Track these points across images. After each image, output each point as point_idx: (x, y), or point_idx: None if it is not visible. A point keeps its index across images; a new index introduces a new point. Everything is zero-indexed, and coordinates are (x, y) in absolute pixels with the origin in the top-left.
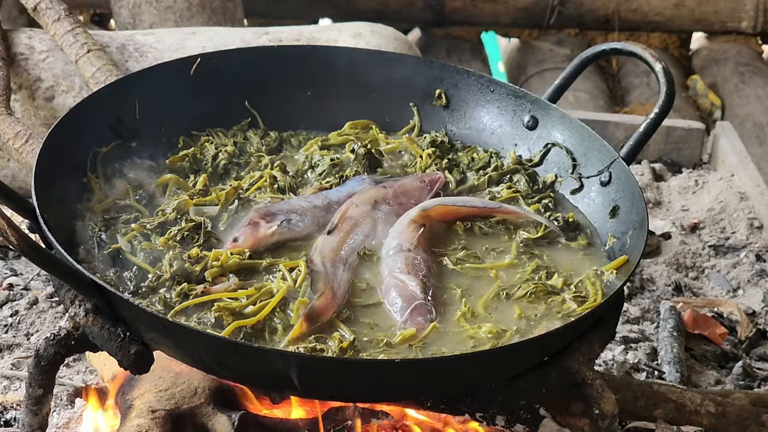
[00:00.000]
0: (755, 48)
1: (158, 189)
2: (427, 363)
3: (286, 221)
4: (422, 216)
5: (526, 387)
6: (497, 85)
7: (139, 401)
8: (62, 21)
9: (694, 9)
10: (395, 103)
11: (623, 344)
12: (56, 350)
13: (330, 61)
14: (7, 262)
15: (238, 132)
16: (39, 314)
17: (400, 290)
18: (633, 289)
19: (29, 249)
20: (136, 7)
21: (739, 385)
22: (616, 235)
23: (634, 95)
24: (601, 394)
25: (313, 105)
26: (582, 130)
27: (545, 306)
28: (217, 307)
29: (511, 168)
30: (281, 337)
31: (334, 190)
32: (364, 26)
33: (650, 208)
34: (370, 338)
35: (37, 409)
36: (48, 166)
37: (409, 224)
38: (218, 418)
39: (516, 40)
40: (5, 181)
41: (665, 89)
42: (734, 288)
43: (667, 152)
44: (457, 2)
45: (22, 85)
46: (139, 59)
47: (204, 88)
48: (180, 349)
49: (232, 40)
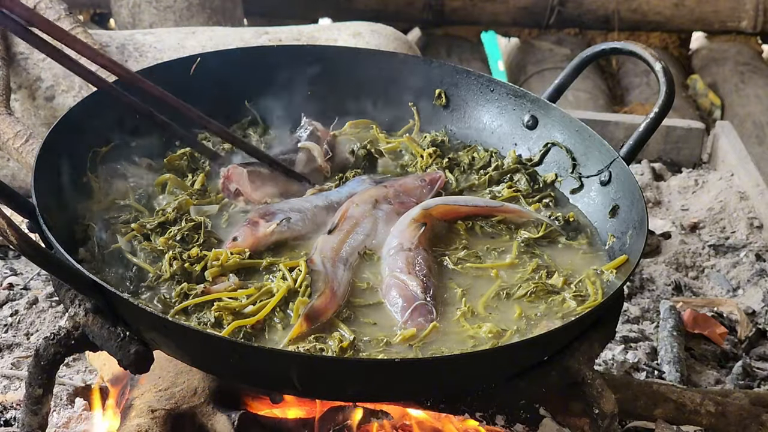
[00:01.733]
0: (755, 47)
1: (157, 188)
2: (427, 363)
3: (286, 220)
4: (424, 215)
5: (526, 386)
6: (497, 85)
7: (138, 401)
8: (62, 20)
9: (693, 8)
10: (395, 102)
11: (623, 344)
12: (56, 350)
13: (329, 60)
14: (7, 261)
15: (238, 130)
16: (39, 314)
17: (400, 290)
18: (633, 289)
19: (29, 249)
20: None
21: (738, 384)
22: (616, 234)
23: (633, 95)
24: (600, 394)
25: (313, 104)
26: (582, 130)
27: (546, 306)
28: (217, 307)
29: (512, 167)
30: (281, 337)
31: (334, 190)
32: (364, 26)
33: (650, 207)
34: (370, 338)
35: (37, 409)
36: (48, 166)
37: (410, 223)
38: (218, 417)
39: (516, 39)
40: (5, 181)
41: (665, 89)
42: (734, 287)
43: (667, 152)
44: (456, 2)
45: (22, 85)
46: (139, 59)
47: (204, 88)
48: (180, 349)
49: (232, 39)
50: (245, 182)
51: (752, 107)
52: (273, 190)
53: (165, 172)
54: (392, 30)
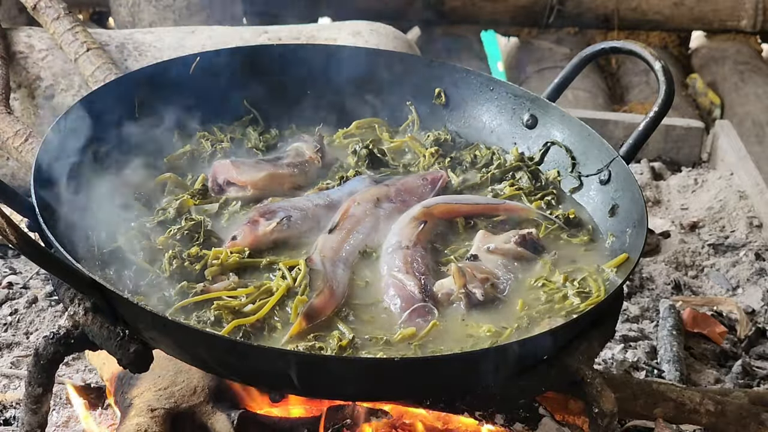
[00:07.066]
0: (754, 46)
1: (157, 187)
2: (426, 361)
3: (287, 219)
4: (425, 213)
5: (525, 385)
6: (496, 84)
7: (138, 400)
8: (62, 19)
9: (693, 7)
10: (394, 101)
11: (623, 343)
12: (56, 349)
13: (329, 59)
14: (7, 260)
15: (238, 128)
16: (38, 313)
17: (398, 290)
18: (632, 288)
19: (28, 248)
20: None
21: (738, 383)
22: (616, 233)
23: (633, 94)
24: (600, 393)
25: (312, 103)
26: (581, 129)
27: (547, 304)
28: (216, 306)
29: (514, 165)
30: (281, 336)
31: (335, 189)
32: (364, 25)
33: (649, 206)
34: (370, 336)
35: (37, 408)
36: (47, 165)
37: (410, 221)
38: (217, 416)
39: (515, 38)
40: (5, 180)
41: (664, 88)
42: (734, 287)
43: (667, 151)
44: (456, 1)
45: (22, 84)
46: (139, 58)
47: (203, 87)
48: (179, 348)
49: (232, 38)
50: (231, 169)
51: (752, 106)
52: (260, 174)
53: (165, 171)
54: (392, 29)
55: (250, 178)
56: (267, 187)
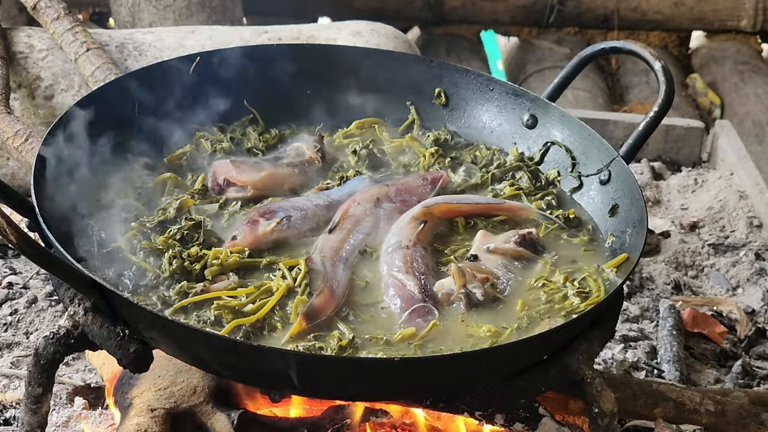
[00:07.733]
0: (754, 46)
1: (157, 187)
2: (426, 361)
3: (287, 218)
4: (425, 213)
5: (525, 385)
6: (496, 84)
7: (138, 400)
8: (61, 19)
9: (693, 7)
10: (394, 101)
11: (623, 343)
12: (55, 349)
13: (329, 59)
14: (7, 260)
15: (238, 128)
16: (38, 313)
17: (398, 290)
18: (632, 288)
19: (28, 247)
20: (136, 6)
21: (738, 383)
22: (616, 233)
23: (633, 94)
24: (600, 393)
25: (312, 103)
26: (581, 129)
27: (547, 304)
28: (216, 306)
29: (514, 165)
30: (281, 336)
31: (335, 189)
32: (363, 25)
33: (649, 206)
34: (370, 336)
35: (37, 408)
36: (47, 165)
37: (410, 221)
38: (217, 416)
39: (515, 38)
40: (4, 180)
41: (664, 88)
42: (734, 287)
43: (667, 151)
44: (456, 1)
45: (22, 84)
46: (139, 58)
47: (203, 87)
48: (179, 348)
49: (232, 38)
50: (231, 169)
51: (752, 106)
52: (260, 174)
53: (165, 171)
54: (392, 29)
55: (250, 178)
56: (267, 187)
